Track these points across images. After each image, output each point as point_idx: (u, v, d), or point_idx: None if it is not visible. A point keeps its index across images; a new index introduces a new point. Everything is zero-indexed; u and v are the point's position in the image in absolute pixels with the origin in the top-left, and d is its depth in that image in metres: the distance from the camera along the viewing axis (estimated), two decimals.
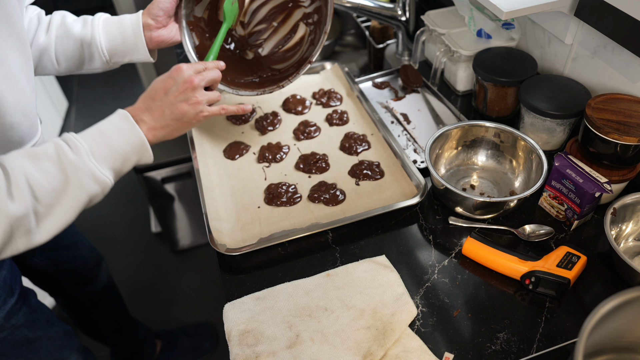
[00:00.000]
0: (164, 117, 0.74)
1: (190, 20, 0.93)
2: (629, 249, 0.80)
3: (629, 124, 0.77)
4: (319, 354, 0.67)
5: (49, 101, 2.47)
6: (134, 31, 0.86)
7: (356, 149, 1.00)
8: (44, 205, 0.62)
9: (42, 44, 0.85)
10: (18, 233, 0.60)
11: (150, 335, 1.54)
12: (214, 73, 0.79)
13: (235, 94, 0.93)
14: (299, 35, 0.99)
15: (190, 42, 0.94)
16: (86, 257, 1.21)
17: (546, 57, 1.04)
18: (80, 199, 0.65)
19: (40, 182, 0.61)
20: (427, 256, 0.80)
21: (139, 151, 0.71)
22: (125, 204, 2.17)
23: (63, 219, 0.64)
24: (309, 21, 0.98)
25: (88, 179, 0.65)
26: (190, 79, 0.75)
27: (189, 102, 0.75)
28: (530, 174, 0.86)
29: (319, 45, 0.91)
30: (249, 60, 1.02)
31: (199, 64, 0.79)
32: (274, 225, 0.86)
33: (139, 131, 0.71)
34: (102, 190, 0.68)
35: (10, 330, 0.88)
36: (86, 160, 0.65)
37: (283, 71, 0.98)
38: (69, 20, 0.87)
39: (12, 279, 0.89)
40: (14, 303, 0.88)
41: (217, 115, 0.82)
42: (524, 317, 0.71)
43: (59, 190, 0.63)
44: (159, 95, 0.74)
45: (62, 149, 0.64)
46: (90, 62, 0.89)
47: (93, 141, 0.67)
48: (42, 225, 0.63)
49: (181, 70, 0.75)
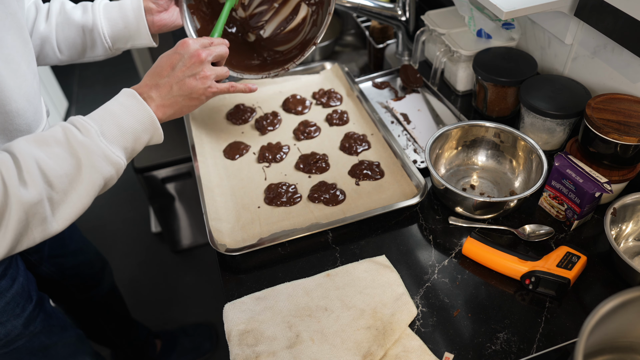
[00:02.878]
0: (172, 93, 0.71)
1: (191, 4, 0.93)
2: (629, 249, 0.80)
3: (629, 124, 0.77)
4: (319, 354, 0.67)
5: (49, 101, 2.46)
6: (136, 15, 0.85)
7: (356, 149, 1.00)
8: (57, 192, 0.59)
9: (43, 32, 0.83)
10: (34, 222, 0.58)
11: (150, 336, 1.54)
12: (221, 48, 0.77)
13: (239, 77, 0.92)
14: (301, 16, 0.98)
15: (192, 25, 0.93)
16: (92, 262, 1.20)
17: (546, 57, 1.04)
18: (95, 183, 0.62)
19: (52, 167, 0.58)
20: (427, 256, 0.80)
21: (149, 129, 0.69)
22: (125, 204, 2.17)
23: (79, 204, 0.61)
24: (311, 1, 0.97)
25: (101, 160, 0.62)
26: (197, 53, 0.72)
27: (197, 76, 0.73)
28: (530, 174, 0.86)
29: (323, 26, 0.89)
30: (250, 42, 1.01)
31: (205, 39, 0.76)
32: (274, 225, 0.86)
33: (147, 108, 0.68)
34: (116, 171, 0.65)
35: (29, 338, 0.87)
36: (97, 141, 0.62)
37: (286, 53, 0.98)
38: (69, 7, 0.85)
39: (30, 285, 0.87)
40: (32, 310, 0.87)
41: (226, 93, 0.79)
42: (524, 317, 0.71)
43: (72, 175, 0.60)
44: (165, 71, 0.72)
45: (70, 131, 0.62)
46: (92, 49, 0.87)
47: (102, 121, 0.64)
48: (57, 212, 0.60)
49: (187, 44, 0.73)
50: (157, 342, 1.59)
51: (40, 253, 1.01)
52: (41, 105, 0.79)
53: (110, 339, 1.38)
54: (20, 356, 0.87)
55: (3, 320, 0.82)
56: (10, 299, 0.82)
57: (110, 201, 2.14)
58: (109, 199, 2.14)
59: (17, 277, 0.84)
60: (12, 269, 0.83)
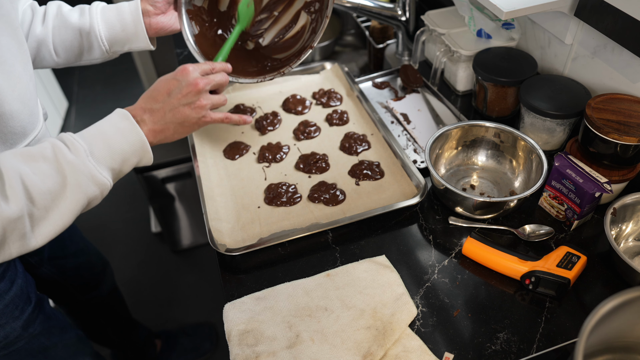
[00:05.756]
0: (165, 119, 0.71)
1: (190, 9, 0.93)
2: (629, 249, 0.80)
3: (629, 124, 0.77)
4: (319, 354, 0.67)
5: (49, 101, 2.46)
6: (134, 18, 0.84)
7: (356, 149, 1.00)
8: (39, 208, 0.58)
9: (39, 35, 0.82)
10: (12, 237, 0.57)
11: (150, 336, 1.54)
12: (221, 76, 0.77)
13: (235, 81, 0.92)
14: (300, 25, 0.98)
15: (190, 30, 0.92)
16: (93, 262, 1.20)
17: (546, 57, 1.04)
18: (78, 202, 0.62)
19: (36, 183, 0.58)
20: (427, 256, 0.80)
21: (138, 152, 0.69)
22: (125, 204, 2.17)
23: (60, 222, 0.61)
24: (311, 9, 0.96)
25: (87, 180, 0.62)
26: (195, 82, 0.72)
27: (192, 106, 0.73)
28: (530, 174, 0.86)
29: (320, 30, 0.89)
30: (249, 50, 1.01)
31: (206, 65, 0.76)
32: (274, 225, 0.86)
33: (139, 132, 0.68)
34: (101, 192, 0.65)
35: (28, 339, 0.87)
36: (85, 160, 0.62)
37: (284, 60, 0.97)
38: (65, 9, 0.85)
39: (29, 287, 0.87)
40: (31, 311, 0.86)
41: (219, 123, 0.80)
42: (524, 317, 0.71)
43: (55, 193, 0.60)
44: (161, 96, 0.72)
45: (59, 149, 0.61)
46: (89, 52, 0.87)
47: (93, 140, 0.64)
48: (37, 229, 0.59)
49: (187, 72, 0.73)
50: (157, 342, 1.59)
51: (41, 255, 1.01)
52: (37, 107, 0.78)
53: (111, 339, 1.38)
54: (20, 358, 0.87)
55: (2, 323, 0.82)
56: (9, 301, 0.82)
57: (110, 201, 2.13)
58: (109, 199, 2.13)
59: (16, 279, 0.84)
60: (10, 271, 0.82)
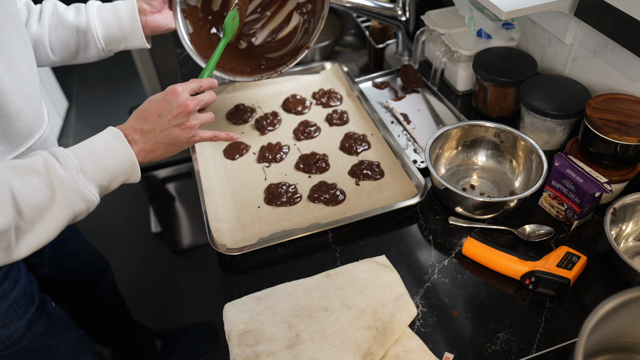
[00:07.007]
0: (156, 139, 0.72)
1: (184, 8, 0.94)
2: (629, 249, 0.80)
3: (629, 124, 0.77)
4: (319, 354, 0.67)
5: (49, 101, 2.46)
6: (130, 17, 0.85)
7: (356, 149, 1.00)
8: (26, 221, 0.58)
9: (36, 33, 0.83)
10: None
11: (150, 336, 1.54)
12: (209, 95, 0.77)
13: (231, 80, 0.91)
14: (293, 25, 0.99)
15: (185, 29, 0.94)
16: (93, 263, 1.20)
17: (546, 57, 1.04)
18: (65, 217, 0.62)
19: (26, 197, 0.58)
20: (427, 256, 0.80)
21: (127, 171, 0.69)
22: (125, 204, 2.17)
23: (45, 235, 0.61)
24: (303, 10, 0.98)
25: (75, 196, 0.63)
26: (185, 104, 0.73)
27: (182, 126, 0.73)
28: (530, 174, 0.86)
29: (316, 31, 0.90)
30: (242, 49, 1.01)
31: (193, 83, 0.76)
32: (274, 225, 0.86)
33: (130, 151, 0.68)
34: (87, 208, 0.65)
35: (31, 339, 0.87)
36: (75, 177, 0.63)
37: (277, 59, 0.98)
38: (61, 8, 0.85)
39: (32, 287, 0.88)
40: (34, 311, 0.87)
41: (208, 141, 0.80)
42: (524, 317, 0.71)
43: (43, 207, 0.60)
44: (152, 116, 0.72)
45: (51, 164, 0.61)
46: (85, 50, 0.87)
47: (84, 157, 0.65)
48: (21, 241, 0.59)
49: (176, 92, 0.73)
50: (157, 342, 1.59)
51: (42, 255, 1.01)
52: (42, 107, 0.79)
53: (111, 339, 1.38)
54: (23, 358, 0.87)
55: (6, 322, 0.82)
56: (13, 301, 0.82)
57: (111, 201, 2.14)
58: (109, 199, 2.14)
59: (19, 279, 0.84)
60: (13, 271, 0.83)
